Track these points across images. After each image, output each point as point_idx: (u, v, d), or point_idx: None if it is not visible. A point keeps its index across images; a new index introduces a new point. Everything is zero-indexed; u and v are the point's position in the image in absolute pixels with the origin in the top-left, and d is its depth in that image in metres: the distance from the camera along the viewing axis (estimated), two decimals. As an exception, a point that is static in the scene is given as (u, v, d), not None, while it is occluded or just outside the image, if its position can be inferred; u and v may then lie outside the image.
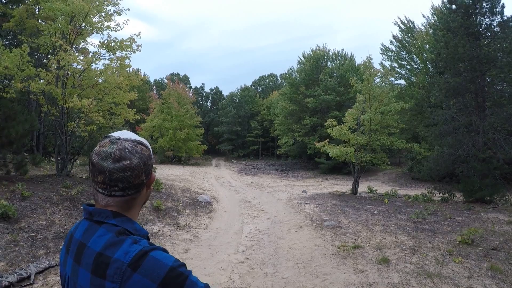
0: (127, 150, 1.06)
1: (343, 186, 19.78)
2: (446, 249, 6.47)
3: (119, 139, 1.09)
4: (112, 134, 1.13)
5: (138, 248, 0.98)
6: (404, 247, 6.73)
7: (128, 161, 1.04)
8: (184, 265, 1.01)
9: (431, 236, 7.41)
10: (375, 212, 10.41)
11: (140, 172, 1.07)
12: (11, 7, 15.67)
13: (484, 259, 5.89)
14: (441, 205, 11.45)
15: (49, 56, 13.96)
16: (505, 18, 12.22)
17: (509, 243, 6.75)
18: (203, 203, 11.76)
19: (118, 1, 12.47)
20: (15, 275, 4.65)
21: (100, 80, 12.29)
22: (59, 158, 11.98)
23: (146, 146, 1.14)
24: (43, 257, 5.46)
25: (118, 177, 1.04)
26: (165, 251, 1.03)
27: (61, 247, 5.87)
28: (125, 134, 1.14)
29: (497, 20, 12.36)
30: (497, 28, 12.37)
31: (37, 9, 14.70)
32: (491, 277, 5.19)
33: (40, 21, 14.07)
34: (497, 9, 12.23)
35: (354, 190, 15.22)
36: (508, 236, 7.28)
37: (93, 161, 1.06)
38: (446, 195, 12.79)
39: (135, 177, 1.06)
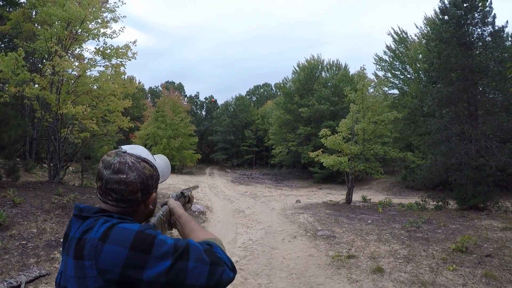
0: (127, 165, 1.10)
1: (337, 195, 19.78)
2: (440, 257, 6.48)
3: (125, 152, 1.14)
4: (123, 146, 1.19)
5: (107, 224, 1.03)
6: (398, 256, 6.72)
7: (125, 176, 1.08)
8: (151, 227, 1.06)
9: (425, 245, 7.41)
10: (369, 221, 10.41)
11: (135, 188, 1.10)
12: (8, 9, 15.67)
13: (478, 266, 5.90)
14: (435, 213, 11.47)
15: (44, 61, 13.94)
16: (496, 28, 12.39)
17: (503, 250, 6.78)
18: (196, 213, 11.69)
19: (115, 8, 12.51)
20: (5, 284, 4.57)
21: (95, 87, 12.26)
22: (51, 165, 11.89)
23: (151, 166, 1.17)
24: (33, 266, 5.38)
25: (112, 187, 1.09)
26: (145, 226, 1.07)
27: (52, 256, 5.81)
28: (135, 149, 1.19)
29: (489, 30, 12.54)
30: (488, 38, 12.53)
31: (34, 13, 14.69)
32: (485, 284, 5.19)
33: (36, 25, 14.06)
34: (489, 19, 12.42)
35: (348, 199, 15.22)
36: (502, 242, 7.30)
37: (98, 167, 1.13)
38: (440, 203, 12.82)
39: (129, 192, 1.10)
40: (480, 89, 13.01)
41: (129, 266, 0.96)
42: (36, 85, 11.15)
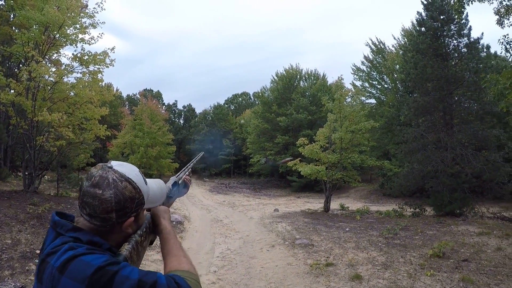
0: (106, 181, 1.04)
1: (315, 203, 19.86)
2: (418, 263, 6.60)
3: (110, 167, 1.08)
4: (112, 161, 1.13)
5: (70, 253, 0.96)
6: (376, 263, 6.81)
7: (101, 191, 1.03)
8: (116, 262, 0.97)
9: (403, 251, 7.54)
10: (347, 229, 10.50)
11: (109, 207, 1.04)
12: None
13: (455, 271, 6.04)
14: (412, 220, 11.67)
15: (20, 66, 13.60)
16: (472, 39, 12.87)
17: (479, 254, 6.97)
18: (174, 223, 11.55)
19: (94, 13, 12.37)
20: (-22, 295, 4.42)
21: (72, 94, 12.03)
22: (26, 173, 11.54)
23: (134, 188, 1.09)
24: (8, 278, 5.21)
25: (87, 201, 1.04)
26: (109, 260, 0.98)
27: (27, 267, 5.65)
28: (123, 166, 1.12)
29: (464, 42, 13.02)
30: (464, 49, 13.00)
31: (11, 16, 14.34)
32: (462, 288, 5.32)
33: (14, 28, 13.72)
34: (465, 31, 12.90)
35: (326, 208, 15.32)
36: (478, 247, 7.51)
37: (84, 177, 1.09)
38: (417, 210, 13.04)
39: (102, 210, 1.03)
40: (456, 98, 13.40)
41: None
42: (12, 91, 10.86)
